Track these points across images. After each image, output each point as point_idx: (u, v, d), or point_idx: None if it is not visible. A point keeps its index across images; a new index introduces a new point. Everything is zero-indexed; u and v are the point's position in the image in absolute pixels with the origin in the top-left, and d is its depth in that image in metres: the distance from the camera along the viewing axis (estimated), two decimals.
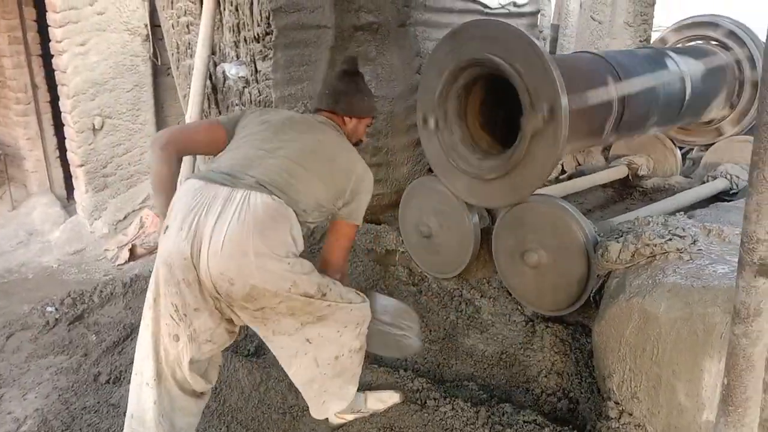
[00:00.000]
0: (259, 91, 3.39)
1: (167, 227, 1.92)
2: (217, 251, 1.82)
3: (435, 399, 2.48)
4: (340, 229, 2.21)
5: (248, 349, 2.94)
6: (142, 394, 2.04)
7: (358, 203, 2.19)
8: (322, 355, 2.12)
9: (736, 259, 1.09)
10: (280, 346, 2.10)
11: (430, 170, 3.19)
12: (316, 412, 2.31)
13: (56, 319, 3.44)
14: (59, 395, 2.79)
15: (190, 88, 3.59)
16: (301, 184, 2.01)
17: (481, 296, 3.14)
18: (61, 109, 4.78)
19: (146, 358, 2.02)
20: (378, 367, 2.73)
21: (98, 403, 2.72)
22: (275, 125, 2.18)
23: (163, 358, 2.02)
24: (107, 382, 2.87)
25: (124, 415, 2.59)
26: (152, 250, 4.66)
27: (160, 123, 5.19)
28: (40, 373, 2.99)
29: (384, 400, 2.47)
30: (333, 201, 2.12)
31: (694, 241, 2.17)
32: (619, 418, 2.12)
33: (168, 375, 2.03)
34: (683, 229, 2.22)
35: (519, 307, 2.99)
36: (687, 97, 3.30)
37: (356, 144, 2.41)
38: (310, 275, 1.96)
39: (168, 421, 2.05)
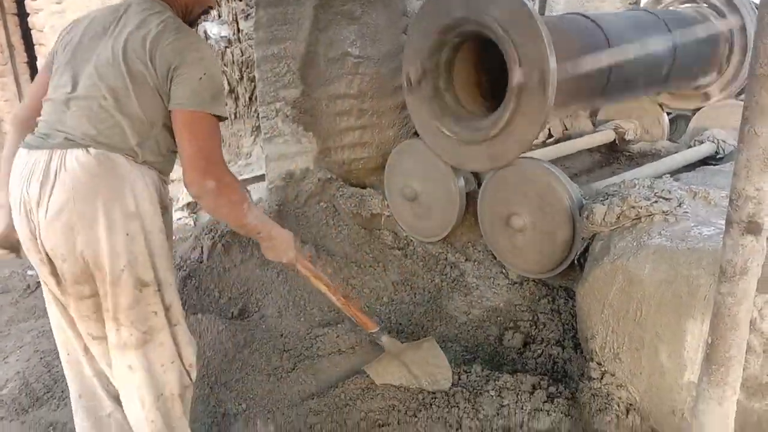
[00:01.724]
0: (241, 51, 3.32)
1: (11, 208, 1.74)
2: (45, 225, 1.63)
3: None
4: (175, 121, 1.71)
5: (231, 312, 2.93)
6: (84, 370, 1.94)
7: (181, 81, 1.68)
8: (147, 393, 1.81)
9: (722, 221, 1.07)
10: (115, 362, 1.82)
11: (416, 133, 3.15)
12: None
13: (37, 283, 3.40)
14: (41, 358, 2.77)
15: None
16: (113, 120, 1.68)
17: (466, 260, 3.14)
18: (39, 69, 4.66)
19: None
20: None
21: None
22: (73, 47, 1.78)
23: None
24: None
25: None
26: None
27: None
28: (21, 337, 2.96)
29: None
30: (162, 107, 1.73)
31: (680, 204, 2.17)
32: (602, 378, 2.13)
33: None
34: (669, 192, 2.21)
35: (503, 271, 3.00)
36: (676, 63, 3.26)
37: (205, 12, 2.03)
38: (156, 257, 1.73)
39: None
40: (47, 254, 1.68)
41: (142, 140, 1.71)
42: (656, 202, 2.16)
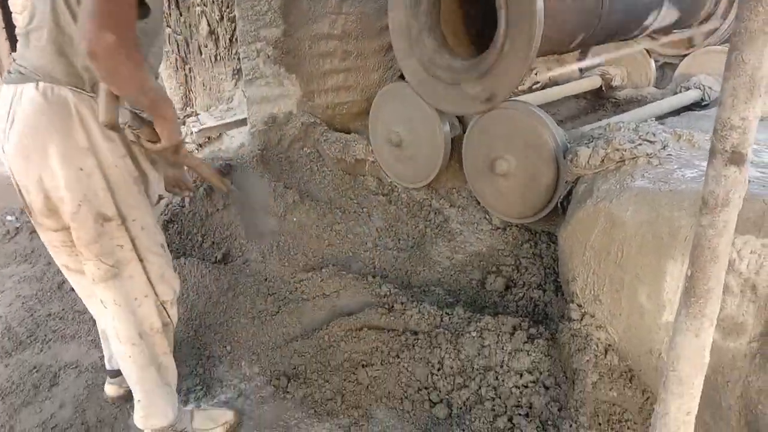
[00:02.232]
0: None
1: None
2: (10, 158, 1.65)
3: (402, 303, 2.50)
4: None
5: (215, 256, 2.92)
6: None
7: None
8: (122, 328, 1.82)
9: (705, 164, 1.06)
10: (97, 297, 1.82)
11: (401, 77, 3.09)
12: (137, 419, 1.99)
13: (17, 228, 3.36)
14: (23, 303, 2.76)
15: None
16: (57, 47, 1.59)
17: (450, 206, 3.13)
18: (12, 8, 4.49)
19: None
20: (347, 273, 2.74)
21: (63, 309, 2.70)
22: None
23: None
24: (72, 289, 2.83)
25: (92, 321, 2.59)
26: None
27: None
28: (2, 282, 2.94)
29: (214, 418, 2.13)
30: None
31: (664, 146, 2.16)
32: (581, 319, 2.16)
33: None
34: (654, 135, 2.20)
35: (487, 217, 3.00)
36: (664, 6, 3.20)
37: None
38: (116, 192, 1.68)
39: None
40: (18, 187, 1.71)
41: (85, 62, 1.59)
42: (640, 144, 2.15)
